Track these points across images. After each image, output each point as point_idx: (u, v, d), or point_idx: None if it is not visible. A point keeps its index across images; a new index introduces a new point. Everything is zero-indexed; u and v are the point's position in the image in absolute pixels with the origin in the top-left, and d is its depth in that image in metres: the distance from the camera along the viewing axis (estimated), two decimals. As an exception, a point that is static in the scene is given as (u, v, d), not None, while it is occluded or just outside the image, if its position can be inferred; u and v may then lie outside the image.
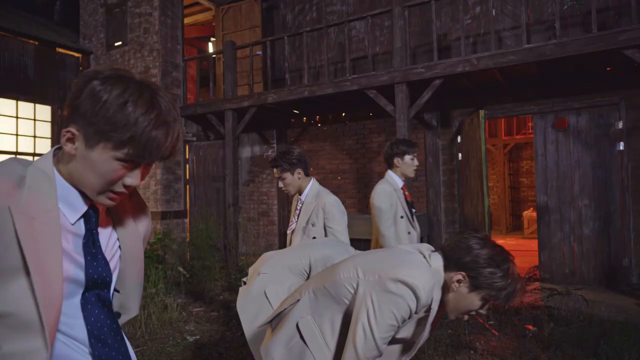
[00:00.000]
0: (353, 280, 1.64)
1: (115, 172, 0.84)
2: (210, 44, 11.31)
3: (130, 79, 0.84)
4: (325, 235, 2.69)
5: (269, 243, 8.30)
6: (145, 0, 7.84)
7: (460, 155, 6.48)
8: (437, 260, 1.58)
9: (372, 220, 2.99)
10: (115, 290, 1.00)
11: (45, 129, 8.05)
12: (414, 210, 3.08)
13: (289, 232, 2.86)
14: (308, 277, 2.17)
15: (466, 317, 1.60)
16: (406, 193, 3.03)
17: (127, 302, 1.05)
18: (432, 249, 1.65)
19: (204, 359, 3.86)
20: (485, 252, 1.51)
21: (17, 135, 7.65)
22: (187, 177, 8.26)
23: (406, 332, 1.62)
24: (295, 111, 7.84)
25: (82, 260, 0.89)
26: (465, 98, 6.46)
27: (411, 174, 3.01)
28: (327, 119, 7.89)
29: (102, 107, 0.80)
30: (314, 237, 2.69)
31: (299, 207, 2.80)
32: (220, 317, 4.99)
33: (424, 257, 1.60)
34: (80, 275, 0.88)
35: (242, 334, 4.35)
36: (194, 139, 8.31)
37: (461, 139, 6.43)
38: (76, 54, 8.66)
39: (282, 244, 8.15)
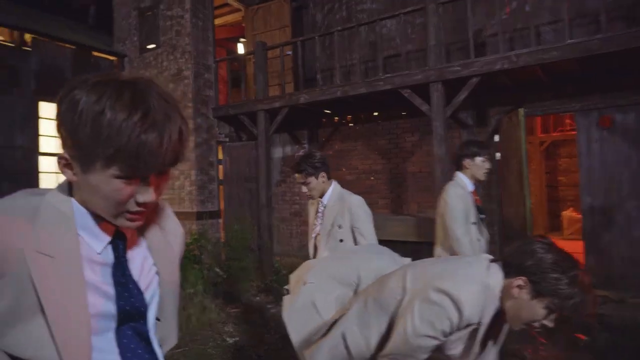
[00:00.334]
0: (401, 289, 1.61)
1: (120, 191, 0.74)
2: (239, 45, 11.37)
3: (110, 81, 0.72)
4: (353, 236, 2.69)
5: (302, 244, 8.30)
6: (177, 2, 7.93)
7: (498, 154, 6.31)
8: (496, 272, 1.51)
9: (440, 224, 2.84)
10: (156, 319, 0.91)
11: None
12: (483, 216, 2.92)
13: (313, 235, 2.83)
14: (357, 288, 2.13)
15: (529, 328, 1.52)
16: (476, 197, 2.89)
17: (166, 331, 0.94)
18: (491, 258, 1.58)
19: (245, 363, 3.88)
20: (550, 257, 1.42)
21: (56, 137, 7.87)
22: (221, 178, 8.33)
23: (458, 349, 1.56)
24: (327, 111, 7.79)
25: (112, 291, 0.80)
26: (502, 95, 6.27)
27: (482, 177, 2.85)
28: (359, 118, 7.81)
29: (79, 120, 0.70)
30: (341, 240, 2.69)
31: (320, 211, 2.78)
32: (258, 319, 5.01)
33: (483, 268, 1.52)
34: (112, 307, 0.80)
35: (281, 337, 4.36)
36: (227, 139, 8.37)
37: (499, 138, 6.26)
38: (111, 57, 8.85)
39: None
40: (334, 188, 2.79)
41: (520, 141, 5.35)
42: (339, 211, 2.70)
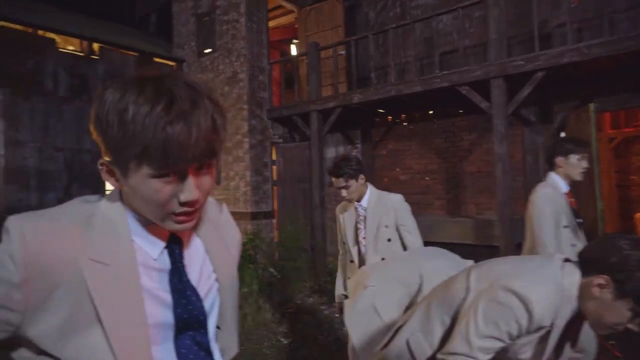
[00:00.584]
0: (464, 289, 1.53)
1: (159, 192, 0.70)
2: (292, 46, 11.48)
3: (135, 78, 0.70)
4: (399, 234, 2.70)
5: (353, 244, 8.23)
6: (233, 7, 8.11)
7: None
8: (571, 271, 1.38)
9: (528, 228, 2.67)
10: (217, 327, 0.86)
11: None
12: (580, 220, 2.69)
13: (360, 239, 2.76)
14: (419, 290, 2.07)
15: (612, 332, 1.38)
16: (571, 200, 2.67)
17: (227, 340, 0.89)
18: (564, 257, 1.45)
19: (301, 364, 3.87)
20: (638, 254, 1.27)
21: (121, 140, 8.29)
22: (274, 179, 8.43)
23: (527, 354, 1.44)
24: (380, 110, 7.68)
25: (169, 298, 0.77)
26: (569, 90, 5.89)
27: (578, 177, 2.63)
28: (414, 117, 7.64)
29: (107, 120, 0.68)
30: (389, 239, 2.68)
31: (362, 214, 2.74)
32: (312, 320, 5.01)
33: (556, 267, 1.40)
34: (169, 316, 0.76)
35: (335, 339, 4.33)
36: (280, 140, 8.46)
37: (565, 135, 5.88)
38: (170, 63, 9.20)
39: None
40: (371, 190, 2.79)
41: (590, 139, 4.99)
42: (383, 211, 2.70)
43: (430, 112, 7.40)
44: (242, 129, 7.91)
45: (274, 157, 8.50)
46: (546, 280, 1.36)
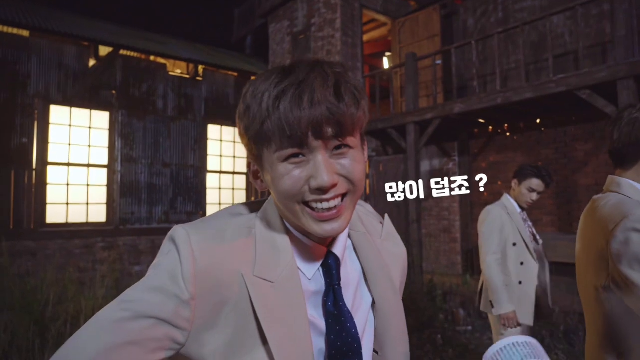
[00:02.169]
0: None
1: (287, 175, 0.63)
2: (384, 59, 11.41)
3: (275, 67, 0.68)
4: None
5: (451, 261, 7.82)
6: (328, 23, 8.23)
7: None
8: None
9: None
10: (375, 352, 0.78)
11: (244, 152, 9.01)
12: None
13: (538, 239, 2.79)
14: None
15: None
16: None
17: None
18: None
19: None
20: None
21: (220, 156, 8.72)
22: (367, 193, 8.31)
23: None
24: (481, 120, 7.27)
25: (322, 324, 0.70)
26: None
27: None
28: (518, 127, 7.13)
29: (239, 110, 0.67)
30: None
31: (524, 218, 2.77)
32: (414, 340, 4.75)
33: None
34: (322, 344, 0.69)
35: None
36: (374, 154, 8.35)
37: None
38: (266, 81, 9.55)
39: (466, 262, 7.60)
40: None
41: None
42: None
43: (537, 120, 6.86)
44: (336, 143, 7.91)
45: (367, 170, 8.39)
46: None
